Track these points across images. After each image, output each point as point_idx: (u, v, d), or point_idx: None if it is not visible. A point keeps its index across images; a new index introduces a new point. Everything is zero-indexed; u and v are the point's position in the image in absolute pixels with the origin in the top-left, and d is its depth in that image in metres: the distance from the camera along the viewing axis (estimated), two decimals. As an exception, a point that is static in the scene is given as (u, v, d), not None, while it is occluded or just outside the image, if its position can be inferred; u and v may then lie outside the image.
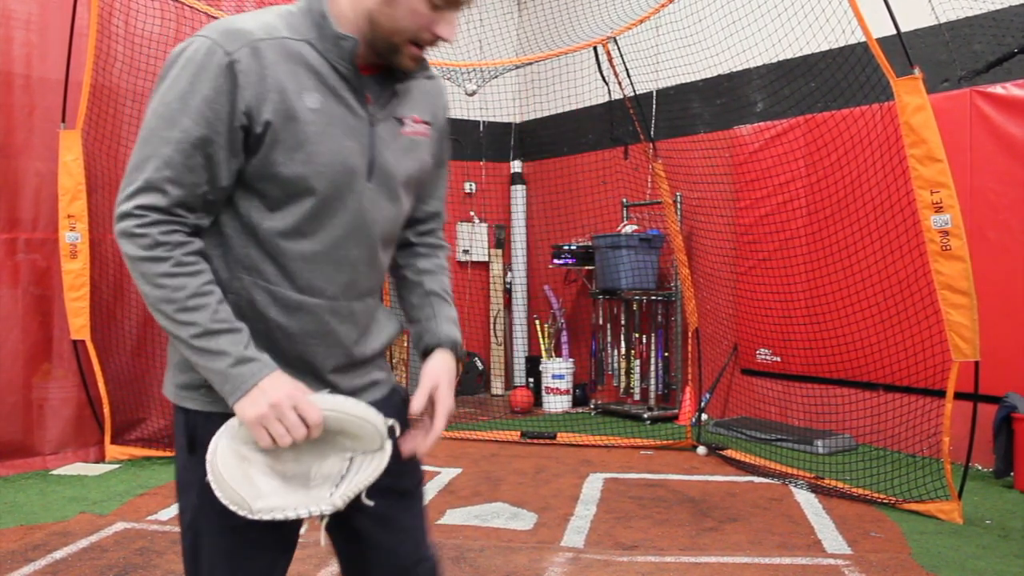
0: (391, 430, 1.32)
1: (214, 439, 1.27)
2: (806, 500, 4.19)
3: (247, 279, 1.34)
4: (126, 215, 1.26)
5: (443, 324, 1.55)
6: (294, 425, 1.25)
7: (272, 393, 1.25)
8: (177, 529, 1.42)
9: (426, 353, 1.53)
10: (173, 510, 3.98)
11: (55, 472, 4.76)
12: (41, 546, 3.47)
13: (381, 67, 1.39)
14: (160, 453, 5.09)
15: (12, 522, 3.82)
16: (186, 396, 1.38)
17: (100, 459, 5.01)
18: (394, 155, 1.42)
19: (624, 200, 6.95)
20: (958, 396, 3.77)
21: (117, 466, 4.89)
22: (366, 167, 1.37)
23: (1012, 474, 4.40)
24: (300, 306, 1.36)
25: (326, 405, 1.29)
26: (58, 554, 3.37)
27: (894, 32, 3.74)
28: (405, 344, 6.42)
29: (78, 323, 4.82)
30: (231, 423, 1.28)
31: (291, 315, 1.36)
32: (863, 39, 3.85)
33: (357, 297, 1.43)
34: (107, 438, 5.01)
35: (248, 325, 1.32)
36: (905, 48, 3.70)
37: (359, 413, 1.30)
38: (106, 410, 4.97)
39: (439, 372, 1.48)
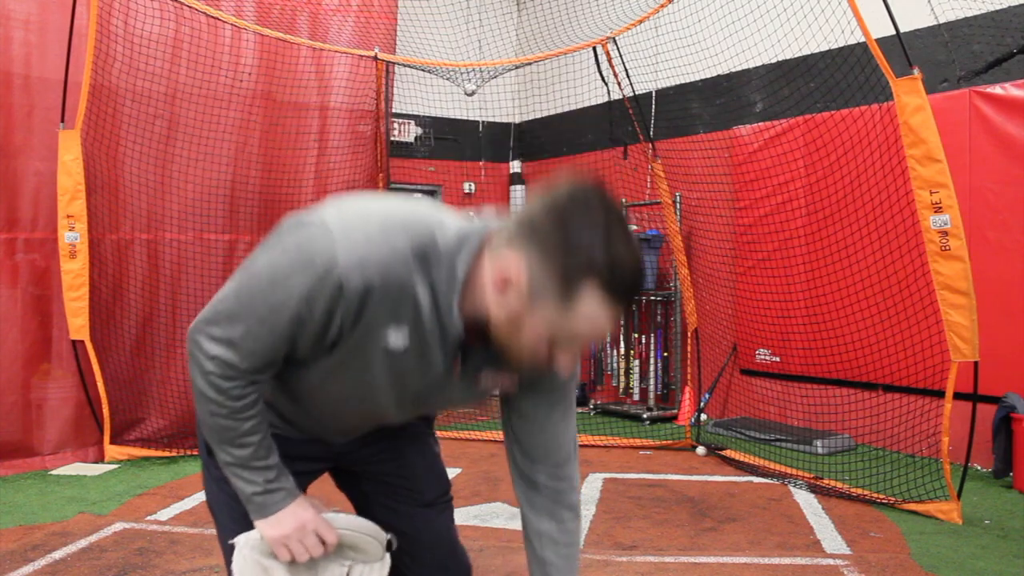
0: (389, 544, 1.48)
1: (238, 548, 1.39)
2: (805, 500, 4.19)
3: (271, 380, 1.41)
4: (210, 357, 1.29)
5: None
6: (313, 546, 1.38)
7: (295, 518, 1.37)
8: (176, 529, 1.47)
9: None
10: (172, 510, 3.98)
11: (54, 472, 4.75)
12: (40, 546, 3.47)
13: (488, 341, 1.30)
14: (159, 453, 5.09)
15: (11, 522, 3.81)
16: None
17: (99, 459, 5.01)
18: (447, 394, 1.40)
19: (623, 200, 6.94)
20: (957, 396, 3.77)
21: (116, 466, 4.89)
22: (409, 401, 1.40)
23: (1011, 474, 4.40)
24: (301, 422, 1.49)
25: (340, 525, 1.43)
26: (57, 554, 3.36)
27: (893, 32, 3.74)
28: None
29: (77, 323, 4.82)
30: (253, 535, 1.39)
31: (292, 422, 1.49)
32: (862, 39, 3.85)
33: (359, 435, 1.55)
34: (106, 438, 5.01)
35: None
36: (904, 48, 3.70)
37: (368, 531, 1.46)
38: (105, 410, 4.97)
39: None
